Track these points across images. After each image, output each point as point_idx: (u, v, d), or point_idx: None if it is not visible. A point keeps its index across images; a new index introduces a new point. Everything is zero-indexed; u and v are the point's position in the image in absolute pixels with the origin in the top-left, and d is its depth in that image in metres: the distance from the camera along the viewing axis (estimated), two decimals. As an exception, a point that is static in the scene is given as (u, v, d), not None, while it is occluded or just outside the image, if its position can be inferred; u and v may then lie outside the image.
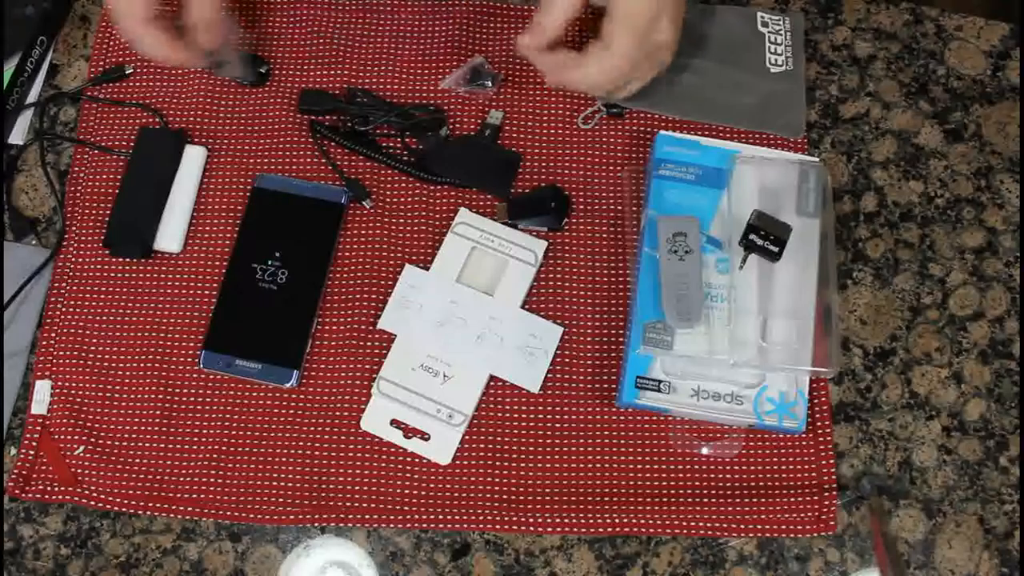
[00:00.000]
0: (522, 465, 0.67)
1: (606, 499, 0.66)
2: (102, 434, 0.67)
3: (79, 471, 0.66)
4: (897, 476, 0.69)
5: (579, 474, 0.67)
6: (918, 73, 0.79)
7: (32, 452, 0.66)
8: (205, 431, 0.67)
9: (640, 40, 0.65)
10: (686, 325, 0.66)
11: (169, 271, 0.71)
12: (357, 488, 0.66)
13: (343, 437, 0.67)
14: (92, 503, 0.66)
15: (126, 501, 0.66)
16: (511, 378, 0.68)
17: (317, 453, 0.67)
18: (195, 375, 0.69)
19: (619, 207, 0.73)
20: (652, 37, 0.66)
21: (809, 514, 0.67)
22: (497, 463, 0.67)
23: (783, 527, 0.66)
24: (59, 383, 0.68)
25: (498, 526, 0.66)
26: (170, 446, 0.67)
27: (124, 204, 0.71)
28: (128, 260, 0.71)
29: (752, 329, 0.67)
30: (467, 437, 0.67)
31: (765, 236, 0.67)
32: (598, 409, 0.68)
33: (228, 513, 0.66)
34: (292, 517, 0.66)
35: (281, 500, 0.66)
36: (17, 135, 0.75)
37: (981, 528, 0.68)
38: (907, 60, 0.79)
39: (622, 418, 0.68)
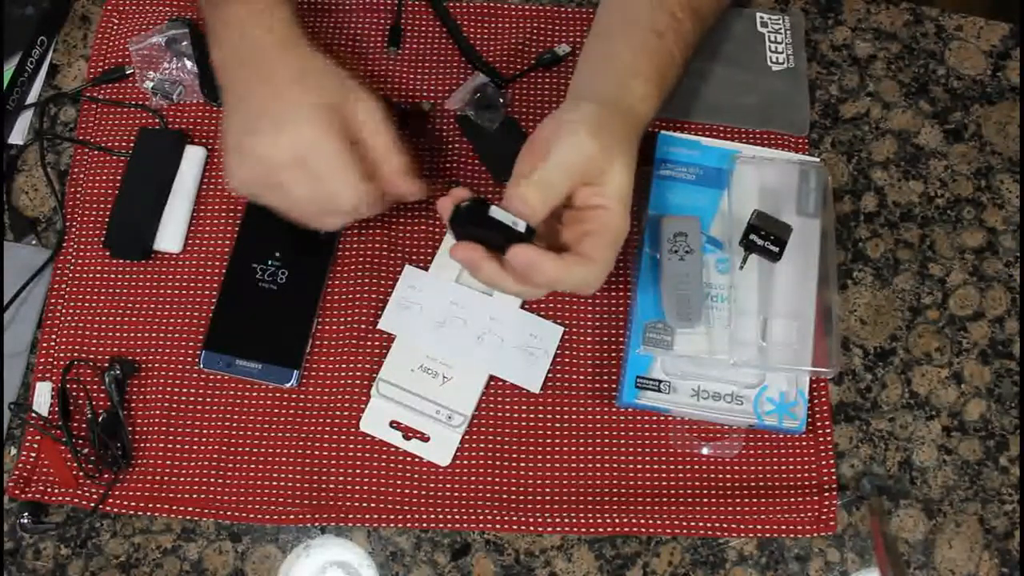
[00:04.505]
0: (522, 465, 0.67)
1: (606, 499, 0.66)
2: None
3: (79, 471, 0.66)
4: (897, 476, 0.69)
5: (579, 474, 0.67)
6: (918, 73, 0.79)
7: (32, 453, 0.66)
8: (205, 431, 0.67)
9: (614, 257, 0.60)
10: (686, 325, 0.66)
11: (169, 271, 0.71)
12: (357, 488, 0.66)
13: (343, 437, 0.67)
14: (92, 503, 0.65)
15: (126, 502, 0.66)
16: (511, 378, 0.68)
17: (317, 453, 0.67)
18: (195, 375, 0.68)
19: (619, 207, 0.73)
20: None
21: (809, 514, 0.67)
22: (497, 463, 0.67)
23: (783, 527, 0.66)
24: (59, 383, 0.68)
25: (498, 526, 0.66)
26: (170, 446, 0.67)
27: (124, 205, 0.71)
28: (128, 260, 0.71)
29: (752, 329, 0.67)
30: (467, 437, 0.67)
31: (765, 236, 0.67)
32: (598, 409, 0.68)
33: (228, 513, 0.66)
34: (292, 517, 0.66)
35: (281, 500, 0.66)
36: (17, 135, 0.75)
37: (981, 528, 0.68)
38: (907, 60, 0.79)
39: (622, 418, 0.68)
